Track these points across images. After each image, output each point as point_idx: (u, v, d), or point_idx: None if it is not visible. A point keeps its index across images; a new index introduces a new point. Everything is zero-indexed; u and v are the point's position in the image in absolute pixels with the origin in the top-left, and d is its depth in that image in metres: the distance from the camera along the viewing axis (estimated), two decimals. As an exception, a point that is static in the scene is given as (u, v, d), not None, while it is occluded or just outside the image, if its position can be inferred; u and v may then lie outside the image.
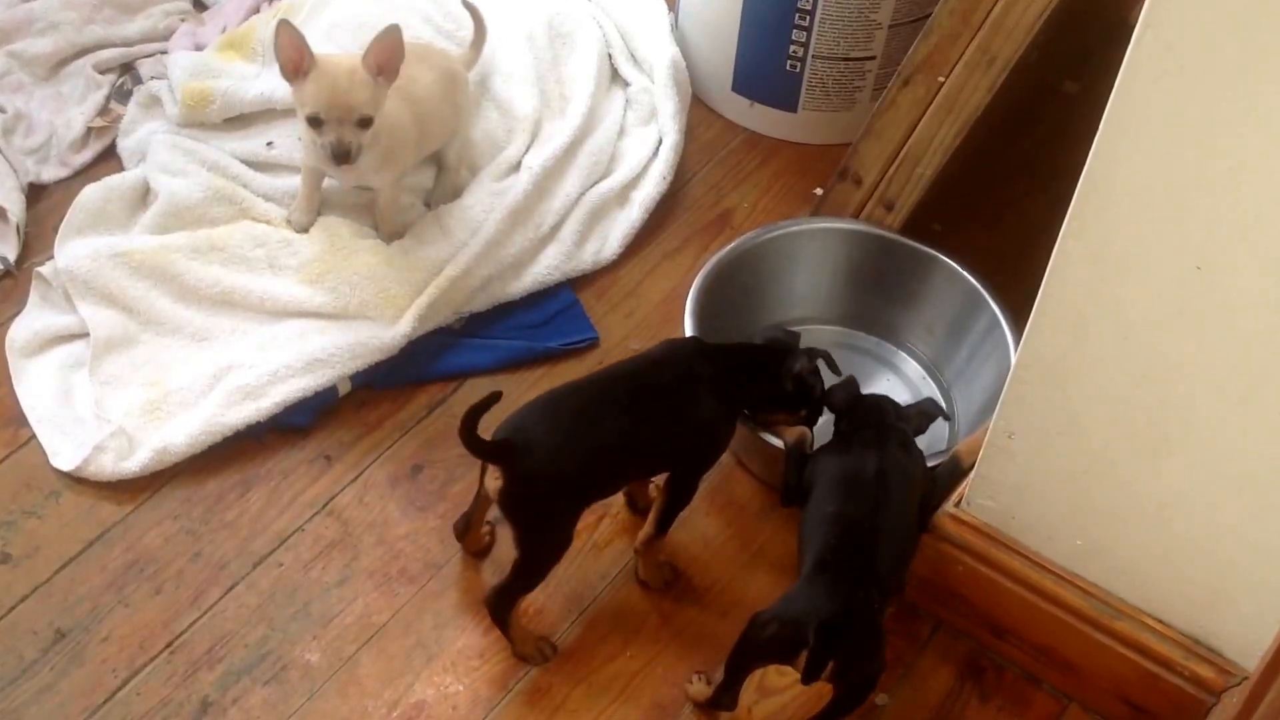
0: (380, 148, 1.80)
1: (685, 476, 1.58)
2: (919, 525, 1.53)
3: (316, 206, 1.92)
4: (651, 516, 1.59)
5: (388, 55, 1.72)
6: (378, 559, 1.65)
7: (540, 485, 1.46)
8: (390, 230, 1.90)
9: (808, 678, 1.35)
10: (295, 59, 1.71)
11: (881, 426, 1.55)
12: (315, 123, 1.73)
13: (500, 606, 1.52)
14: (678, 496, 1.59)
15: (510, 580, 1.51)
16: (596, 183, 2.04)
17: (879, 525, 1.44)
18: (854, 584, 1.39)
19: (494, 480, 1.46)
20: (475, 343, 1.88)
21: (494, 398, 1.43)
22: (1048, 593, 1.48)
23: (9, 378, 1.78)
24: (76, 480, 1.69)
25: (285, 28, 1.70)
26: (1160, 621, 1.44)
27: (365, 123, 1.73)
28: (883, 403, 1.60)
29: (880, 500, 1.46)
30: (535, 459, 1.45)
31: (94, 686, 1.52)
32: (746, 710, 1.54)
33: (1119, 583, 1.45)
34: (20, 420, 1.74)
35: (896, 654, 1.58)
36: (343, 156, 1.73)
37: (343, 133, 1.72)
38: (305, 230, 1.90)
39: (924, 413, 1.60)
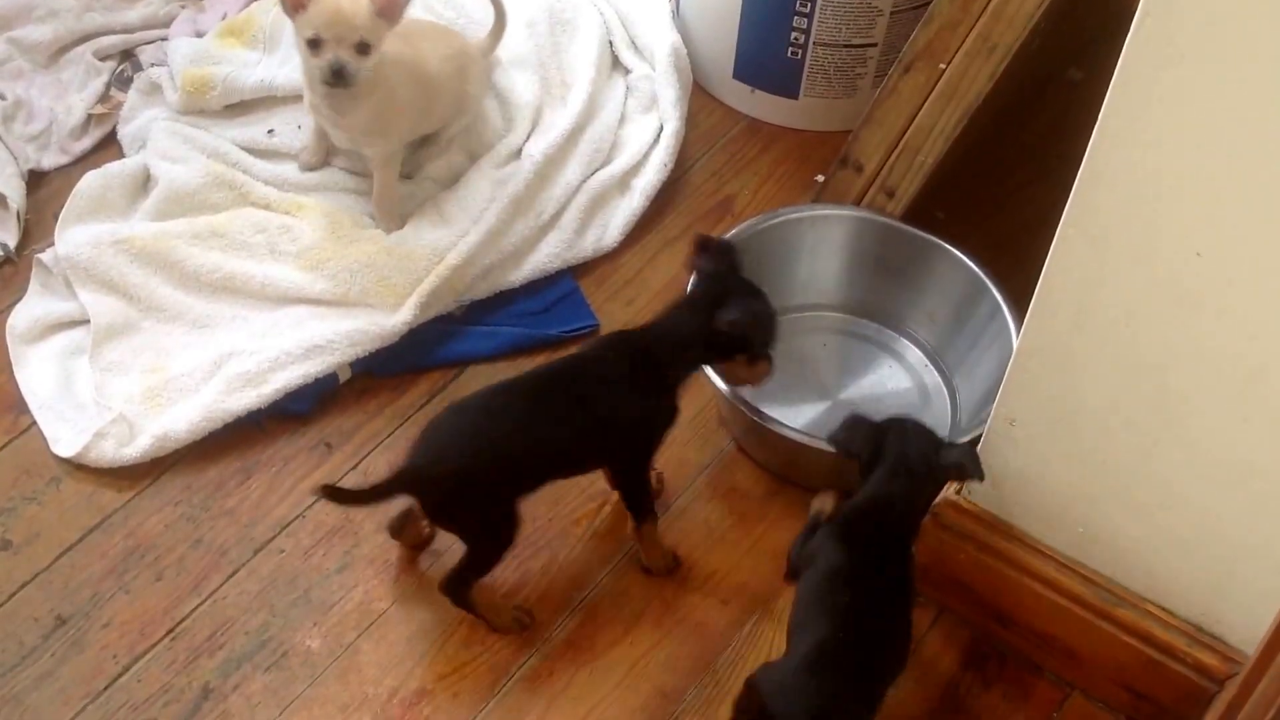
0: (375, 101, 1.78)
1: (622, 471, 1.57)
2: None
3: (326, 148, 1.92)
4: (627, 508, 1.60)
5: (393, 4, 1.73)
6: (378, 546, 1.65)
7: (454, 495, 1.46)
8: (387, 218, 1.89)
9: None
10: None
11: (896, 514, 1.42)
12: (314, 45, 1.72)
13: (457, 592, 1.52)
14: (627, 488, 1.58)
15: (462, 568, 1.51)
16: (597, 170, 2.04)
17: (876, 639, 1.36)
18: (837, 694, 1.31)
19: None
20: (476, 330, 1.87)
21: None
22: (1050, 580, 1.48)
23: (9, 364, 1.78)
24: (77, 467, 1.68)
25: None
26: (1163, 609, 1.44)
27: (364, 48, 1.73)
28: (913, 466, 1.41)
29: (879, 608, 1.37)
30: (441, 472, 1.44)
31: (95, 673, 1.52)
32: None
33: (1121, 570, 1.45)
34: (21, 407, 1.74)
35: (898, 641, 1.58)
36: (340, 77, 1.72)
37: (341, 53, 1.71)
38: (314, 170, 1.90)
39: (961, 466, 1.42)
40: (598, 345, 1.58)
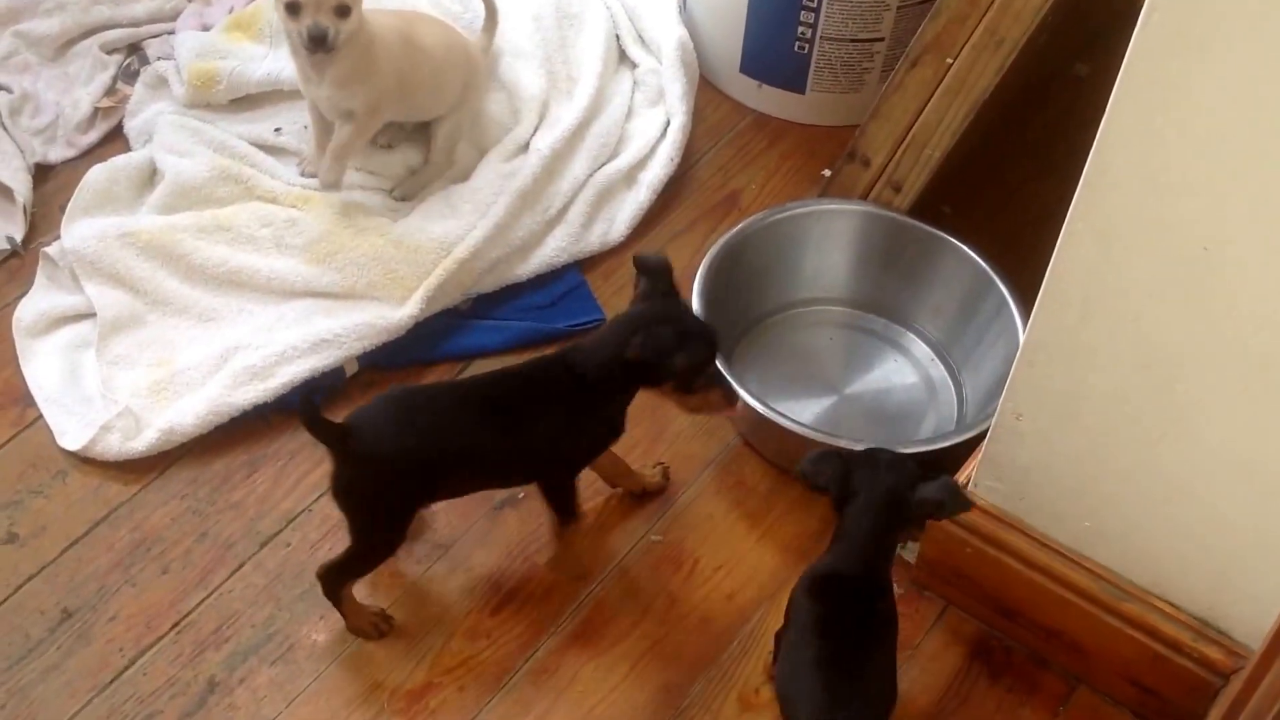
0: (354, 57, 1.78)
1: (550, 486, 1.55)
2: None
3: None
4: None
5: None
6: (385, 539, 1.65)
7: (368, 478, 1.44)
8: (333, 171, 1.85)
9: None
10: None
11: (866, 570, 1.37)
12: (293, 10, 1.71)
13: (330, 584, 1.52)
14: (553, 495, 1.56)
15: (341, 562, 1.50)
16: (604, 164, 2.03)
17: (865, 690, 1.34)
18: None
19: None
20: (483, 324, 1.87)
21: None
22: (1056, 574, 1.48)
23: (16, 358, 1.78)
24: (83, 460, 1.69)
25: None
26: (1169, 603, 1.44)
27: (343, 10, 1.72)
28: (886, 502, 1.36)
29: (862, 661, 1.35)
30: (368, 450, 1.42)
31: (101, 666, 1.52)
32: (755, 691, 1.54)
33: (1127, 564, 1.44)
34: (27, 400, 1.74)
35: (905, 635, 1.57)
36: (319, 42, 1.71)
37: (320, 18, 1.71)
38: (315, 176, 1.91)
39: (942, 502, 1.37)
40: (538, 361, 1.54)
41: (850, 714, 1.32)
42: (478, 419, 1.46)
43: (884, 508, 1.37)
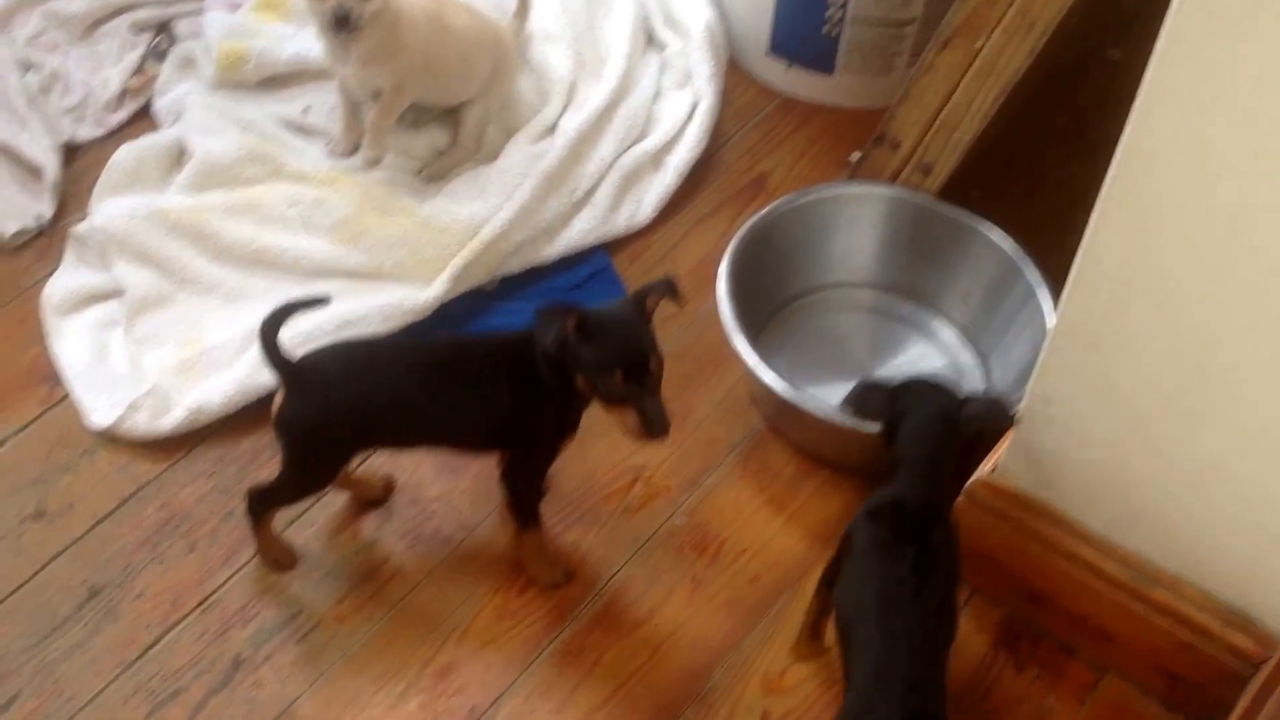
0: (380, 35, 1.78)
1: (504, 471, 1.53)
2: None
3: (356, 137, 1.93)
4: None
5: None
6: (410, 520, 1.65)
7: (309, 415, 1.45)
8: (374, 146, 1.89)
9: None
10: None
11: (925, 495, 1.38)
12: None
13: (254, 506, 1.54)
14: (508, 490, 1.54)
15: (268, 488, 1.53)
16: (631, 147, 2.03)
17: (923, 627, 1.34)
18: (913, 693, 1.29)
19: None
20: (508, 306, 1.87)
21: (321, 300, 1.46)
22: (1084, 561, 1.46)
23: (44, 336, 1.79)
24: (111, 438, 1.70)
25: None
26: (1199, 591, 1.42)
27: None
28: (935, 422, 1.38)
29: (920, 598, 1.34)
30: (311, 391, 1.44)
31: (127, 642, 1.53)
32: (779, 675, 1.53)
33: (1157, 551, 1.43)
34: (56, 378, 1.75)
35: (929, 621, 1.57)
36: (343, 22, 1.73)
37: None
38: (344, 157, 1.91)
39: (990, 415, 1.40)
40: (505, 336, 1.51)
41: (911, 647, 1.32)
42: (422, 380, 1.47)
43: (937, 426, 1.39)
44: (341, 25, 1.74)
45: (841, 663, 1.37)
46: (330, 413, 1.46)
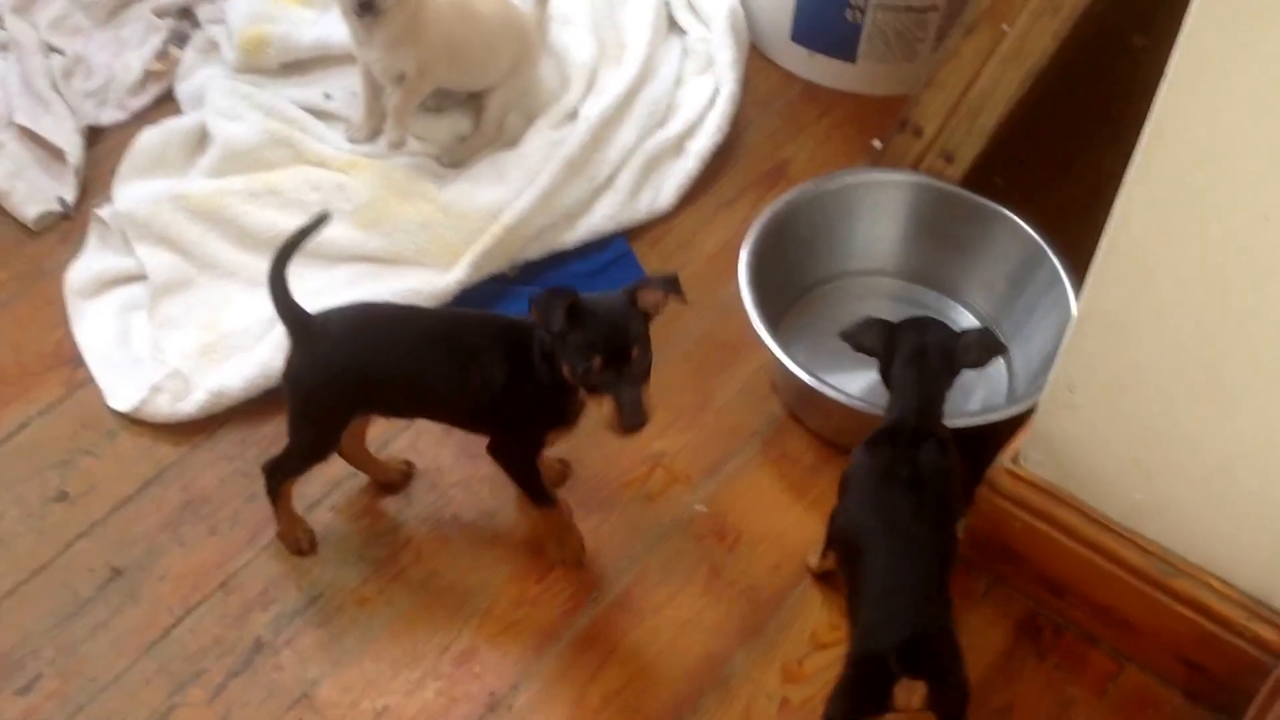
0: (403, 19, 1.78)
1: (494, 449, 1.53)
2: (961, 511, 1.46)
3: (376, 123, 1.93)
4: None
5: None
6: (430, 505, 1.65)
7: (310, 371, 1.47)
8: (396, 129, 1.89)
9: (907, 687, 1.28)
10: None
11: (919, 419, 1.43)
12: None
13: (270, 480, 1.55)
14: (509, 474, 1.53)
15: (278, 459, 1.54)
16: (652, 132, 2.02)
17: (922, 542, 1.37)
18: (917, 607, 1.32)
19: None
20: (529, 290, 1.87)
21: (321, 219, 1.48)
22: (1107, 550, 1.46)
23: (67, 319, 1.79)
24: (133, 421, 1.70)
25: None
26: (1222, 581, 1.42)
27: None
28: (922, 362, 1.45)
29: (918, 514, 1.38)
30: (316, 345, 1.46)
31: (149, 624, 1.54)
32: (798, 663, 1.53)
33: (1180, 541, 1.42)
34: (78, 361, 1.76)
35: (950, 610, 1.57)
36: (367, 7, 1.74)
37: None
38: (367, 141, 1.92)
39: (985, 346, 1.46)
40: (513, 319, 1.50)
41: (913, 566, 1.34)
42: (418, 348, 1.47)
43: (933, 357, 1.43)
44: (365, 10, 1.75)
45: (846, 594, 1.41)
46: (329, 371, 1.47)
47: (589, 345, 1.35)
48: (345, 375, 1.47)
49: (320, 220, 1.48)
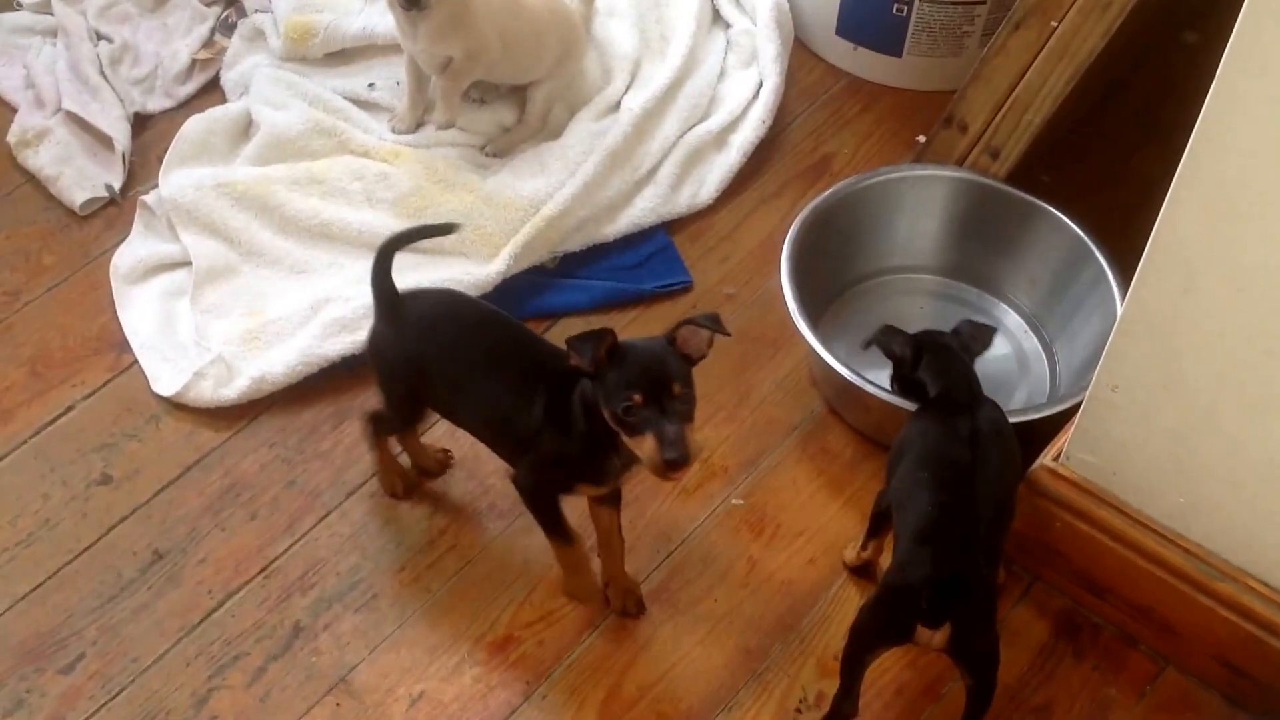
0: (448, 11, 1.79)
1: (515, 475, 1.49)
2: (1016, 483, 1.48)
3: (419, 114, 1.93)
4: None
5: None
6: (468, 494, 1.66)
7: (382, 352, 1.53)
8: (446, 111, 1.91)
9: (932, 622, 1.29)
10: None
11: (965, 387, 1.47)
12: None
13: (367, 431, 1.61)
14: (525, 503, 1.50)
15: (376, 412, 1.59)
16: (694, 126, 2.02)
17: (976, 493, 1.37)
18: (959, 550, 1.33)
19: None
20: (569, 283, 1.87)
21: (447, 228, 1.55)
22: (1148, 551, 1.44)
23: (113, 304, 1.81)
24: (176, 406, 1.72)
25: None
26: (1264, 584, 1.40)
27: None
28: (951, 350, 1.50)
29: (975, 468, 1.39)
30: (392, 326, 1.50)
31: (190, 607, 1.55)
32: (834, 657, 1.52)
33: (1223, 543, 1.41)
34: (123, 345, 1.78)
35: (988, 608, 1.56)
36: (412, 1, 1.74)
37: None
38: (410, 131, 1.93)
39: (974, 335, 1.52)
40: (554, 349, 1.46)
41: (958, 514, 1.35)
42: (484, 362, 1.46)
43: (960, 355, 1.50)
44: (411, 3, 1.75)
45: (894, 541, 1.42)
46: (396, 353, 1.50)
47: (627, 382, 1.30)
48: (409, 362, 1.49)
49: (447, 228, 1.57)
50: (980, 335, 1.53)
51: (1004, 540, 1.43)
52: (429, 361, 1.48)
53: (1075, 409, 1.47)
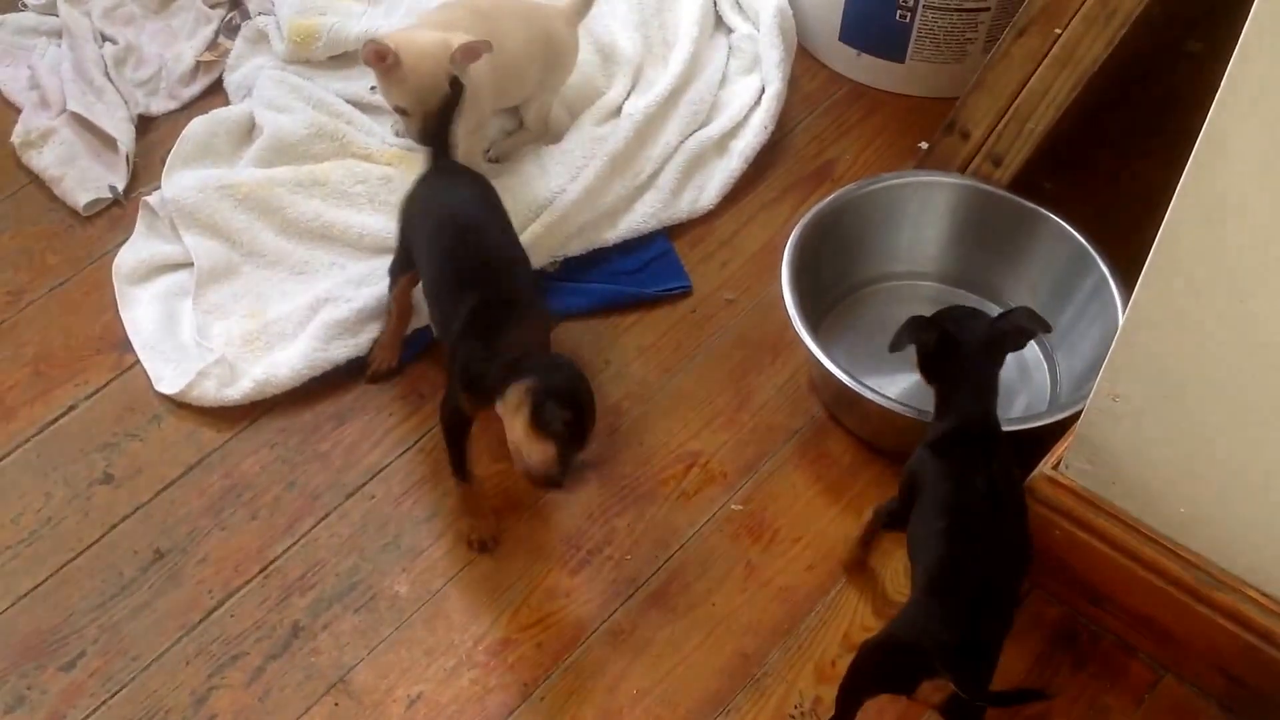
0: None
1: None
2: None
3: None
4: None
5: (474, 53, 1.71)
6: (468, 496, 1.66)
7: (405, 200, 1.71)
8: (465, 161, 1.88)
9: (965, 688, 1.26)
10: (379, 57, 1.69)
11: (984, 422, 1.45)
12: (401, 112, 1.74)
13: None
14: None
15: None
16: (696, 131, 2.02)
17: (991, 546, 1.36)
18: (972, 611, 1.31)
19: None
20: (569, 286, 1.88)
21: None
22: (1147, 561, 1.45)
23: (115, 303, 1.82)
24: (178, 405, 1.72)
25: (370, 43, 1.68)
26: (1263, 594, 1.40)
27: None
28: (989, 353, 1.47)
29: (992, 518, 1.38)
30: (416, 185, 1.68)
31: (190, 606, 1.55)
32: (831, 663, 1.53)
33: (1222, 553, 1.41)
34: (125, 345, 1.78)
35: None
36: (429, 142, 1.74)
37: (428, 123, 1.73)
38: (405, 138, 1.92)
39: (1020, 330, 1.49)
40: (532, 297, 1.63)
41: (976, 570, 1.34)
42: (446, 247, 1.61)
43: (990, 347, 1.47)
44: (427, 144, 1.74)
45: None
46: (405, 206, 1.71)
47: (567, 395, 1.44)
48: (407, 221, 1.67)
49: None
50: (1029, 323, 1.48)
51: (1019, 589, 1.42)
52: (414, 229, 1.64)
53: (1075, 417, 1.47)
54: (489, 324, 1.52)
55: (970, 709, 1.31)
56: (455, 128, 1.74)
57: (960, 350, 1.46)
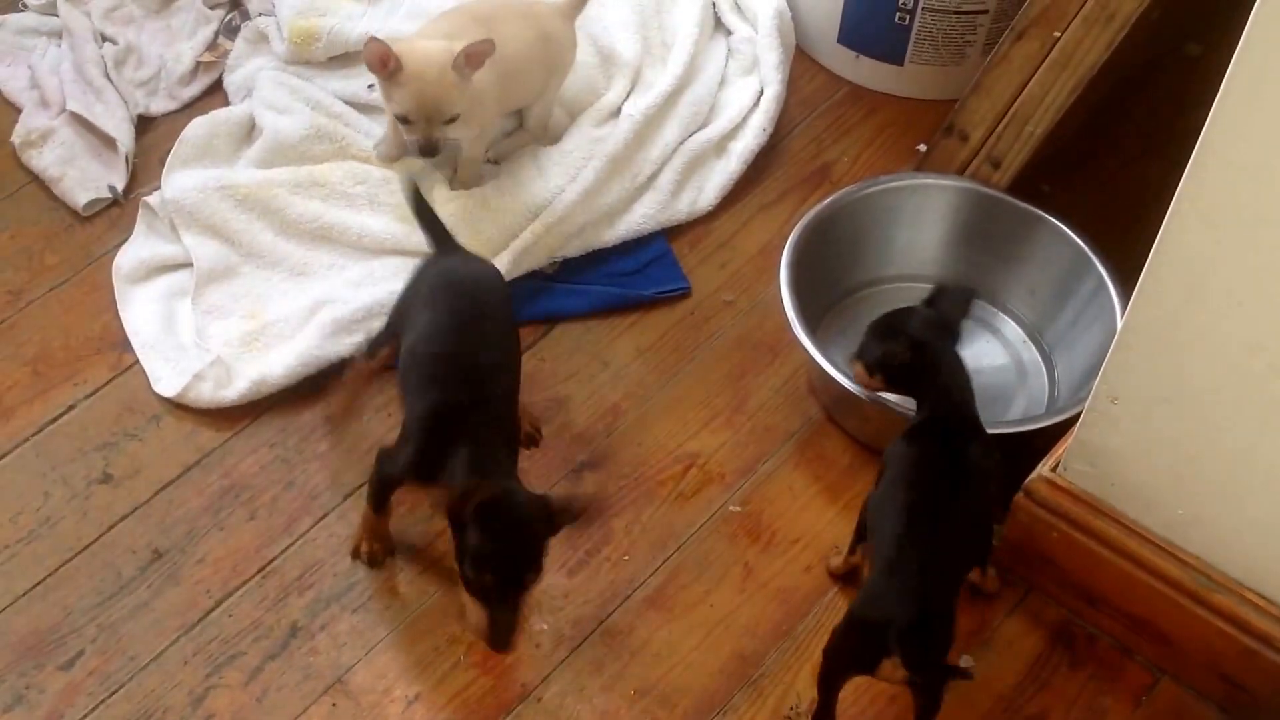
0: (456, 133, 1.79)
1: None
2: (997, 515, 1.49)
3: (403, 141, 1.93)
4: None
5: (479, 57, 1.71)
6: (466, 497, 1.66)
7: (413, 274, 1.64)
8: (465, 182, 1.90)
9: (911, 667, 1.31)
10: (381, 62, 1.70)
11: (960, 413, 1.47)
12: (403, 120, 1.74)
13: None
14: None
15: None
16: (695, 132, 2.02)
17: (950, 522, 1.39)
18: (924, 591, 1.34)
19: None
20: (567, 288, 1.88)
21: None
22: (1145, 562, 1.45)
23: (115, 304, 1.82)
24: (177, 406, 1.72)
25: (373, 43, 1.69)
26: (1261, 596, 1.40)
27: (453, 120, 1.74)
28: (952, 366, 1.49)
29: (950, 496, 1.41)
30: (424, 264, 1.63)
31: (188, 606, 1.55)
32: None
33: (1220, 555, 1.41)
34: (124, 345, 1.78)
35: (984, 617, 1.56)
36: (430, 152, 1.75)
37: (430, 131, 1.73)
38: (393, 160, 1.91)
39: (956, 302, 1.53)
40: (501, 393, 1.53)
41: (932, 550, 1.36)
42: (438, 337, 1.53)
43: (943, 331, 1.50)
44: (428, 153, 1.76)
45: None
46: (409, 280, 1.66)
47: (486, 562, 1.36)
48: (406, 295, 1.62)
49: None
50: (959, 302, 1.52)
51: (964, 576, 1.46)
52: (413, 309, 1.57)
53: (1074, 420, 1.47)
54: (452, 425, 1.45)
55: (924, 686, 1.35)
56: (459, 143, 1.74)
57: (926, 347, 1.49)
